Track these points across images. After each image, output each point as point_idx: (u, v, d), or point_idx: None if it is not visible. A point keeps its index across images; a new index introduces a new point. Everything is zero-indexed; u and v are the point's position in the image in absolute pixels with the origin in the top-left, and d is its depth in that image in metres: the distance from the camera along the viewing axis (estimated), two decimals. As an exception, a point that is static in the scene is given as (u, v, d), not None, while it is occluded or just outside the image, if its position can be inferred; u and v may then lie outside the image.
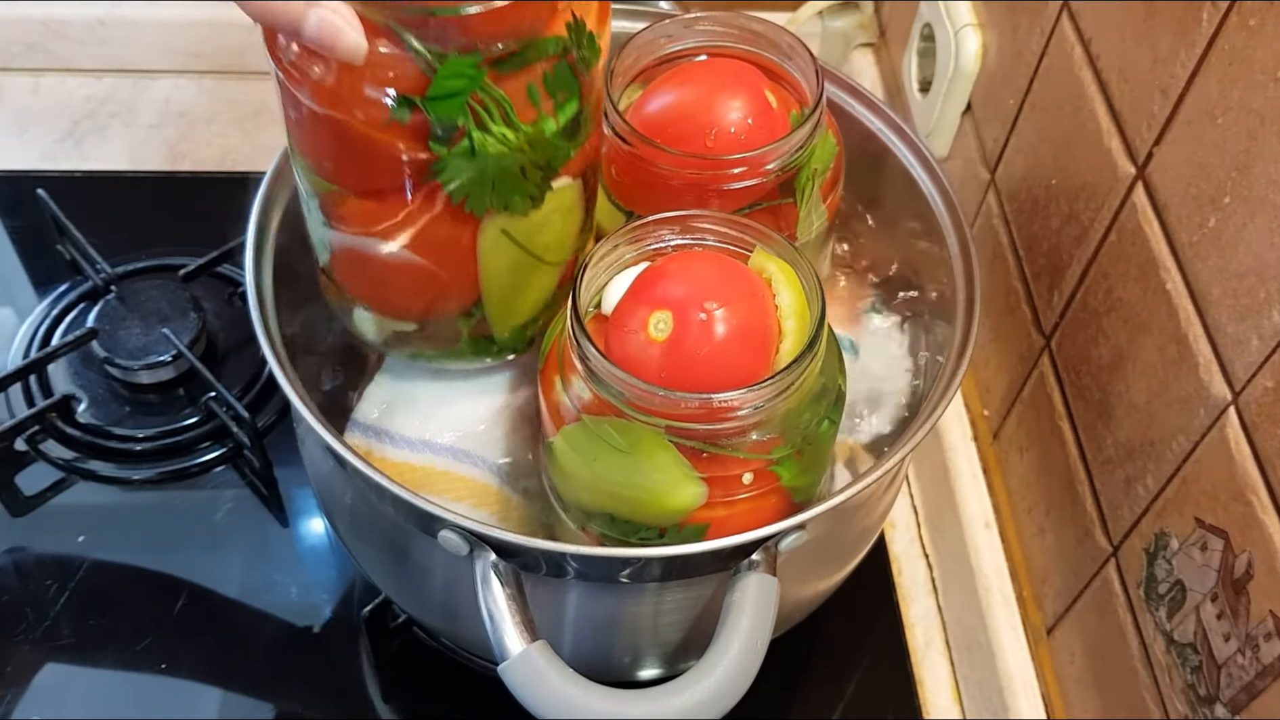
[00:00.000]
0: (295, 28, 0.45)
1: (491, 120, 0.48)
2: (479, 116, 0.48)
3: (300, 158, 0.54)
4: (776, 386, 0.51)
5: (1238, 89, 0.52)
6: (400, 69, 0.47)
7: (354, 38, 0.45)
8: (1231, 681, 0.53)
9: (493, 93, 0.48)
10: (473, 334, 0.60)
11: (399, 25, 0.46)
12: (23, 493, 0.79)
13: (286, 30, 0.46)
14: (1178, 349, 0.56)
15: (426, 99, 0.48)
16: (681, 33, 0.64)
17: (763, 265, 0.54)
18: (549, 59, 0.49)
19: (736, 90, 0.61)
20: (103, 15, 0.96)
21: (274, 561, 0.77)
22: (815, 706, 0.75)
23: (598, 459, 0.54)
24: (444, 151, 0.49)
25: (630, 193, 0.62)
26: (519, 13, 0.47)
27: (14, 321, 0.85)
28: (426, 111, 0.48)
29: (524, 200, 0.52)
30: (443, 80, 0.47)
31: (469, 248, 0.54)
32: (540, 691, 0.50)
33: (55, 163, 0.95)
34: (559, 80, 0.50)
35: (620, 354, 0.52)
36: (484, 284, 0.57)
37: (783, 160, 0.59)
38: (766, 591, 0.53)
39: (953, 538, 0.77)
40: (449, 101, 0.48)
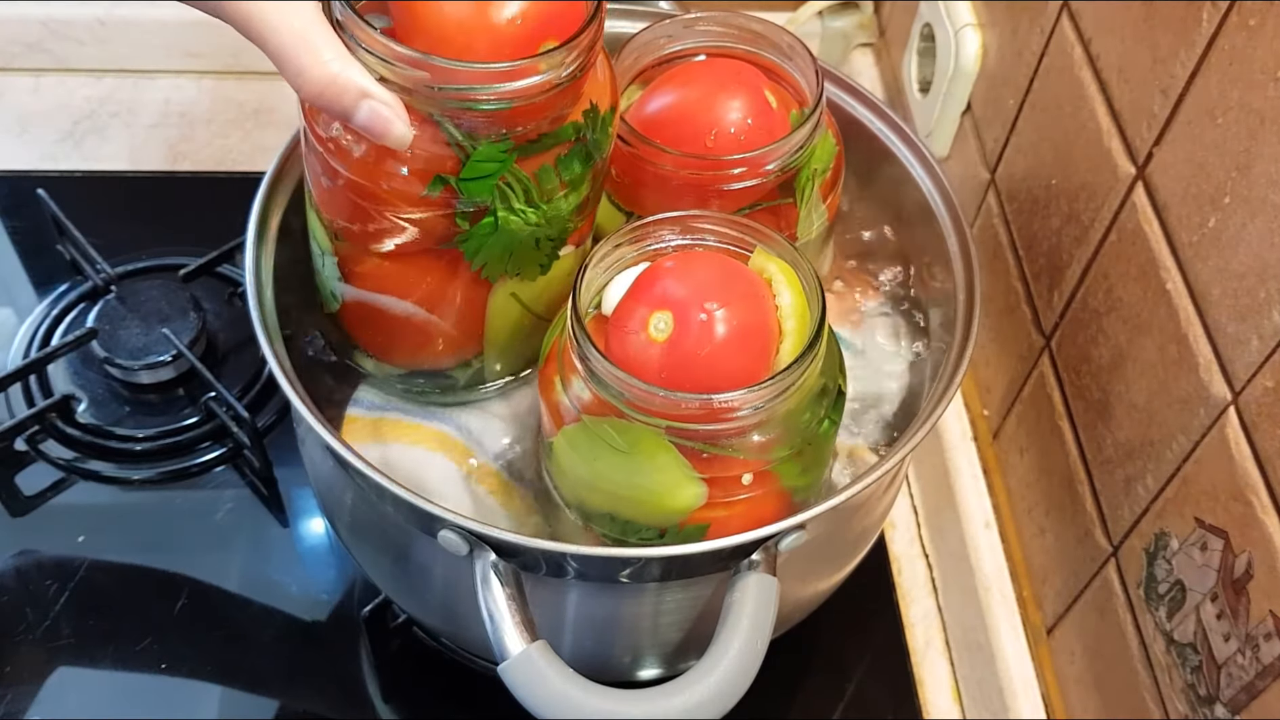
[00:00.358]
0: (348, 115, 0.48)
1: (515, 199, 0.52)
2: (505, 196, 0.52)
3: (322, 216, 0.57)
4: (777, 387, 0.51)
5: (1238, 89, 0.52)
6: (436, 151, 0.50)
7: (402, 130, 0.48)
8: (1231, 681, 0.53)
9: (518, 175, 0.52)
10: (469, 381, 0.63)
11: (440, 115, 0.49)
12: (23, 493, 0.79)
13: (338, 116, 0.49)
14: (1178, 349, 0.56)
15: (460, 179, 0.51)
16: (681, 33, 0.64)
17: (763, 265, 0.54)
18: (566, 143, 0.53)
19: (736, 90, 0.61)
20: (103, 15, 0.96)
21: (274, 561, 0.77)
22: (815, 706, 0.75)
23: (598, 459, 0.54)
24: (468, 226, 0.53)
25: (630, 193, 0.62)
26: (549, 104, 0.50)
27: (14, 321, 0.85)
28: (459, 191, 0.51)
29: (535, 269, 0.56)
30: (476, 164, 0.51)
31: (479, 307, 0.58)
32: (540, 691, 0.50)
33: (55, 163, 0.95)
34: (574, 163, 0.53)
35: (620, 354, 0.52)
36: (488, 339, 0.60)
37: (783, 160, 0.59)
38: (766, 591, 0.53)
39: (953, 538, 0.77)
40: (481, 183, 0.51)
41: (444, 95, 0.49)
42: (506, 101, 0.49)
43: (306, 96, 0.48)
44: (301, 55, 0.46)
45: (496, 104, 0.49)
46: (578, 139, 0.53)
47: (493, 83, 0.48)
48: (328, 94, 0.47)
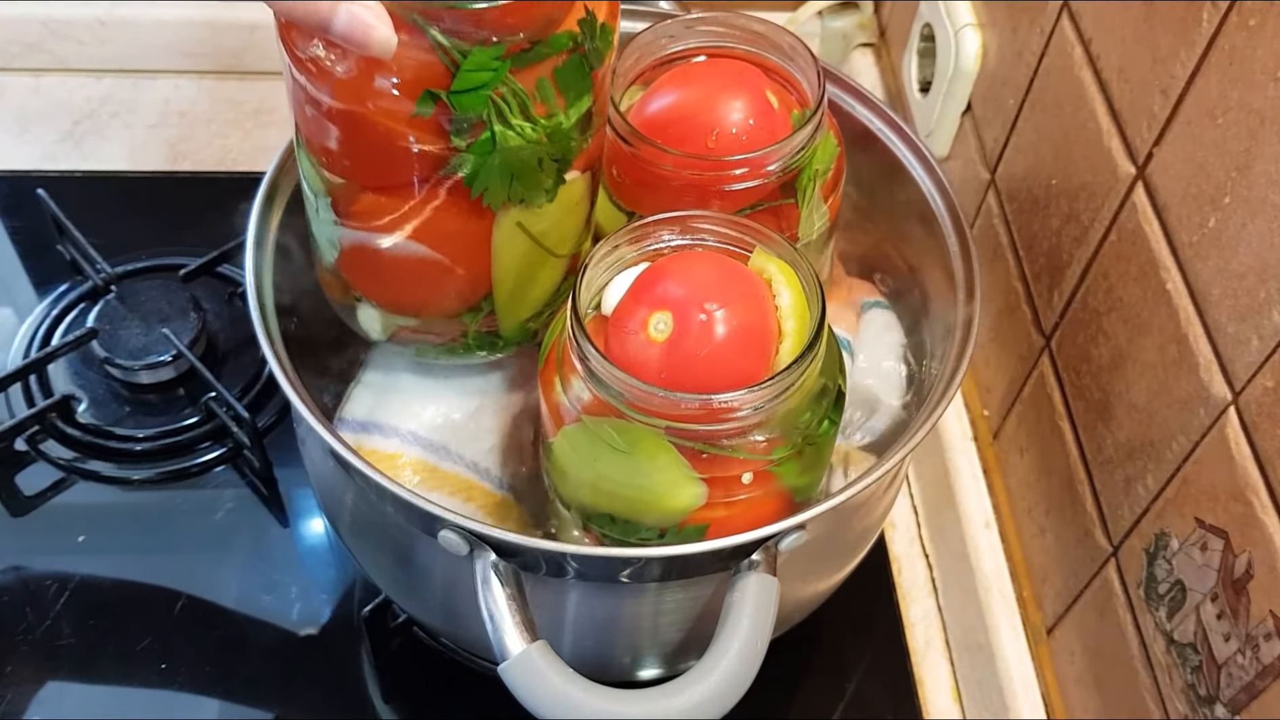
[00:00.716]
0: (325, 25, 0.45)
1: (511, 113, 0.49)
2: (500, 110, 0.49)
3: (311, 155, 0.54)
4: (776, 387, 0.51)
5: (1238, 89, 0.52)
6: (423, 63, 0.47)
7: (384, 33, 0.45)
8: (1231, 681, 0.53)
9: (512, 86, 0.49)
10: (479, 329, 0.60)
11: (423, 19, 0.46)
12: (23, 493, 0.79)
13: (315, 27, 0.45)
14: (1178, 349, 0.56)
15: (451, 93, 0.48)
16: (683, 33, 0.64)
17: (763, 266, 0.54)
18: (563, 53, 0.50)
19: (738, 91, 0.61)
20: (103, 15, 0.96)
21: (274, 561, 0.77)
22: (815, 706, 0.75)
23: (598, 459, 0.54)
24: (464, 145, 0.50)
25: (631, 193, 0.62)
26: (539, 6, 0.48)
27: (14, 321, 0.86)
28: (451, 105, 0.48)
29: (539, 193, 0.53)
30: (467, 74, 0.47)
31: (483, 241, 0.55)
32: (540, 691, 0.50)
33: (55, 163, 0.95)
34: (572, 74, 0.50)
35: (620, 355, 0.52)
36: (496, 277, 0.57)
37: (784, 161, 0.59)
38: (766, 591, 0.53)
39: (953, 538, 0.77)
40: (473, 95, 0.48)
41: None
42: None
43: (280, 9, 0.45)
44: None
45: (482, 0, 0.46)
46: (574, 48, 0.50)
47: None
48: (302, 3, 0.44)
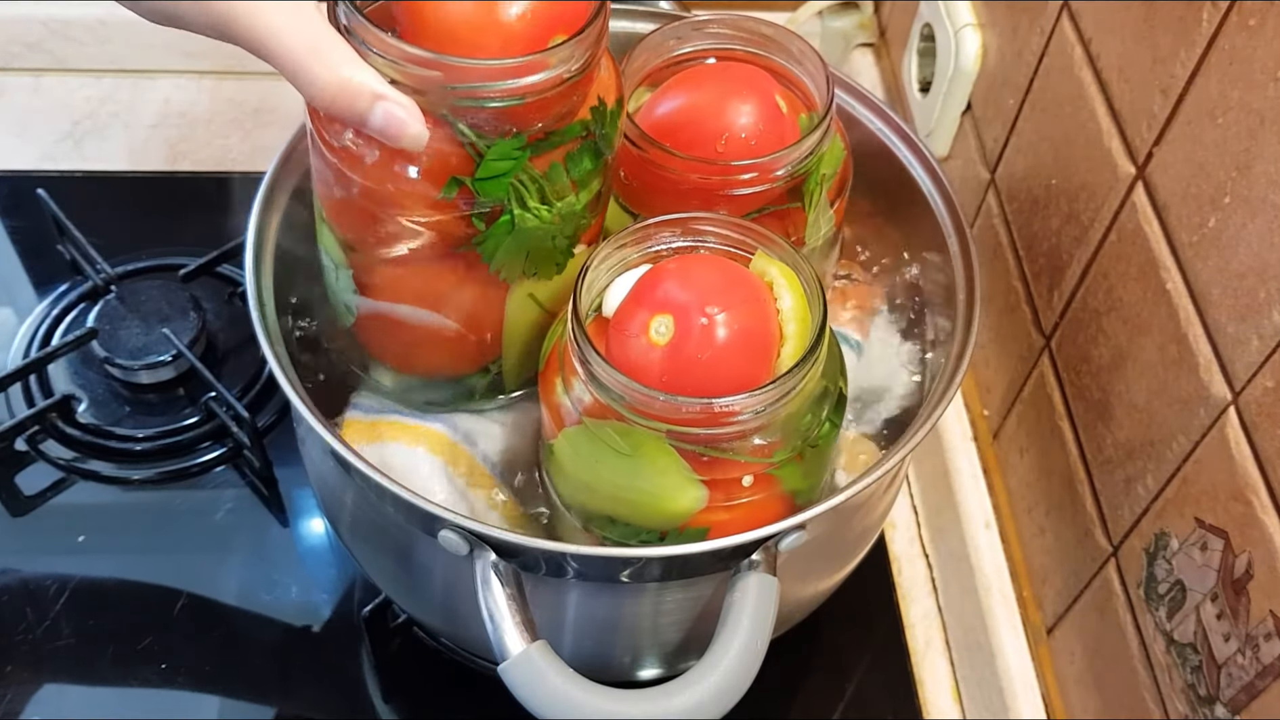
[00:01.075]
0: (362, 120, 0.47)
1: (529, 197, 0.52)
2: (519, 195, 0.52)
3: (334, 230, 0.57)
4: (778, 391, 0.51)
5: (1238, 89, 0.52)
6: (449, 151, 0.50)
7: (417, 129, 0.48)
8: (1231, 681, 0.53)
9: (531, 174, 0.52)
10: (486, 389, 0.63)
11: (452, 115, 0.49)
12: (23, 493, 0.79)
13: (353, 121, 0.48)
14: (1178, 349, 0.56)
15: (475, 179, 0.51)
16: (691, 35, 0.64)
17: (764, 269, 0.54)
18: (575, 140, 0.53)
19: (748, 95, 0.60)
20: (103, 15, 0.96)
21: (274, 561, 0.77)
22: (815, 706, 0.75)
23: (598, 462, 0.54)
24: (483, 226, 0.53)
25: (639, 196, 0.62)
26: (560, 102, 0.51)
27: (14, 321, 0.85)
28: (475, 191, 0.51)
29: (551, 268, 0.56)
30: (490, 163, 0.50)
31: (496, 310, 0.58)
32: (540, 691, 0.50)
33: (55, 163, 0.95)
34: (584, 160, 0.53)
35: (621, 358, 0.52)
36: (506, 342, 0.60)
37: (792, 166, 0.59)
38: (766, 591, 0.53)
39: (953, 538, 0.77)
40: (495, 182, 0.51)
41: (456, 94, 0.48)
42: (519, 97, 0.49)
43: (320, 104, 0.47)
44: (312, 64, 0.46)
45: (508, 100, 0.49)
46: (586, 135, 0.53)
47: (505, 79, 0.48)
48: (341, 99, 0.47)
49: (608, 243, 0.55)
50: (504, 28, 0.49)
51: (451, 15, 0.49)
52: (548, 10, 0.50)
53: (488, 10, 0.49)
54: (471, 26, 0.49)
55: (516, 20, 0.49)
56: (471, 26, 0.49)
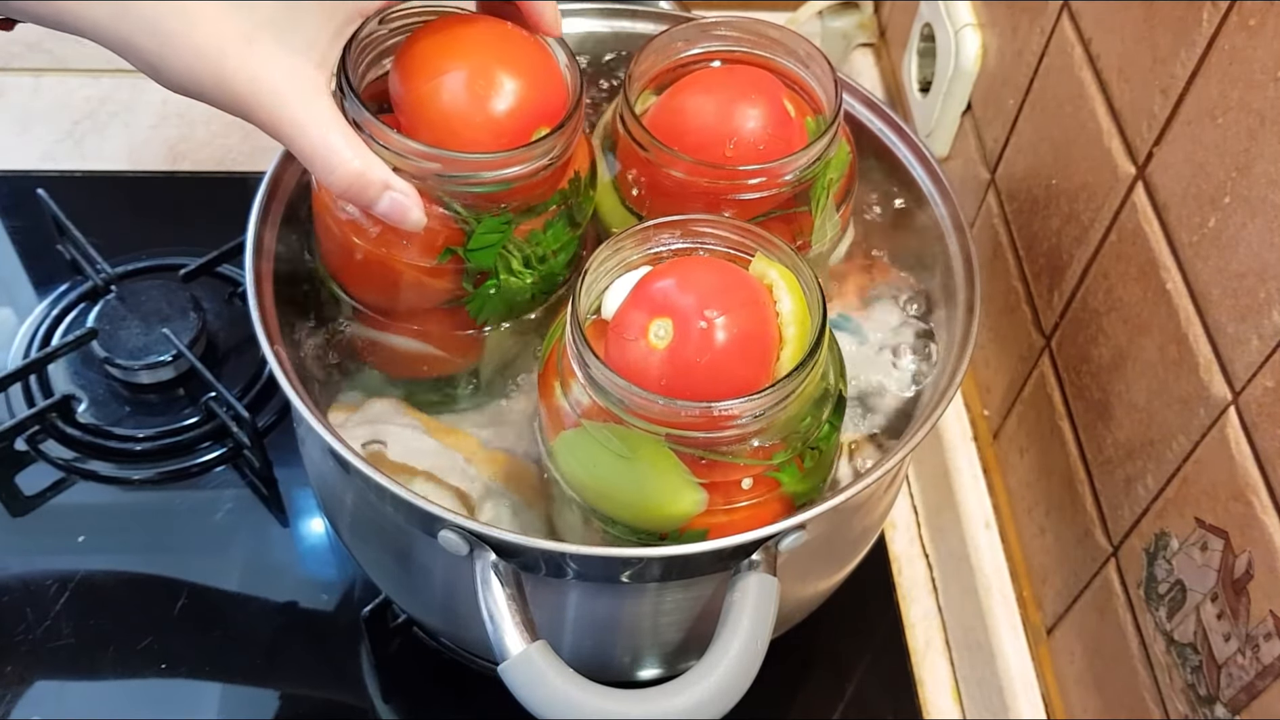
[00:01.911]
0: (370, 206, 0.53)
1: (515, 263, 0.58)
2: (505, 260, 0.58)
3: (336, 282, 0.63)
4: (777, 395, 0.51)
5: (1238, 89, 0.52)
6: (445, 227, 0.56)
7: (418, 215, 0.53)
8: (1231, 681, 0.53)
9: (516, 243, 0.58)
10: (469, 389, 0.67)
11: (448, 197, 0.55)
12: (23, 493, 0.79)
13: (363, 206, 0.54)
14: (1178, 349, 0.56)
15: (467, 250, 0.57)
16: (698, 37, 0.63)
17: (764, 271, 0.54)
18: (554, 209, 0.58)
19: (757, 99, 0.60)
20: (103, 15, 0.96)
21: (274, 561, 0.77)
22: (815, 706, 0.75)
23: (597, 464, 0.54)
24: (471, 288, 0.59)
25: (645, 198, 0.62)
26: (542, 181, 0.57)
27: (14, 321, 0.85)
28: (466, 260, 0.57)
29: (529, 314, 0.62)
30: (481, 236, 0.57)
31: (479, 343, 0.63)
32: (540, 691, 0.50)
33: (55, 163, 0.95)
34: (562, 228, 0.59)
35: (620, 361, 0.52)
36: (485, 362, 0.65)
37: (800, 171, 0.59)
38: (766, 591, 0.53)
39: (953, 538, 0.77)
40: (485, 252, 0.57)
41: (453, 182, 0.55)
42: (507, 183, 0.55)
43: (336, 191, 0.52)
44: (329, 156, 0.51)
45: (498, 186, 0.55)
46: (563, 204, 0.59)
47: (495, 169, 0.55)
48: (354, 189, 0.52)
49: (607, 244, 0.54)
50: (494, 123, 0.55)
51: (449, 112, 0.54)
52: (532, 103, 0.55)
53: (480, 108, 0.54)
54: (466, 123, 0.54)
55: (504, 116, 0.55)
56: (466, 123, 0.54)
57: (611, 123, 0.63)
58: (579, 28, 0.71)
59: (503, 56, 0.55)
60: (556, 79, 0.57)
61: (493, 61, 0.55)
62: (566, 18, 0.71)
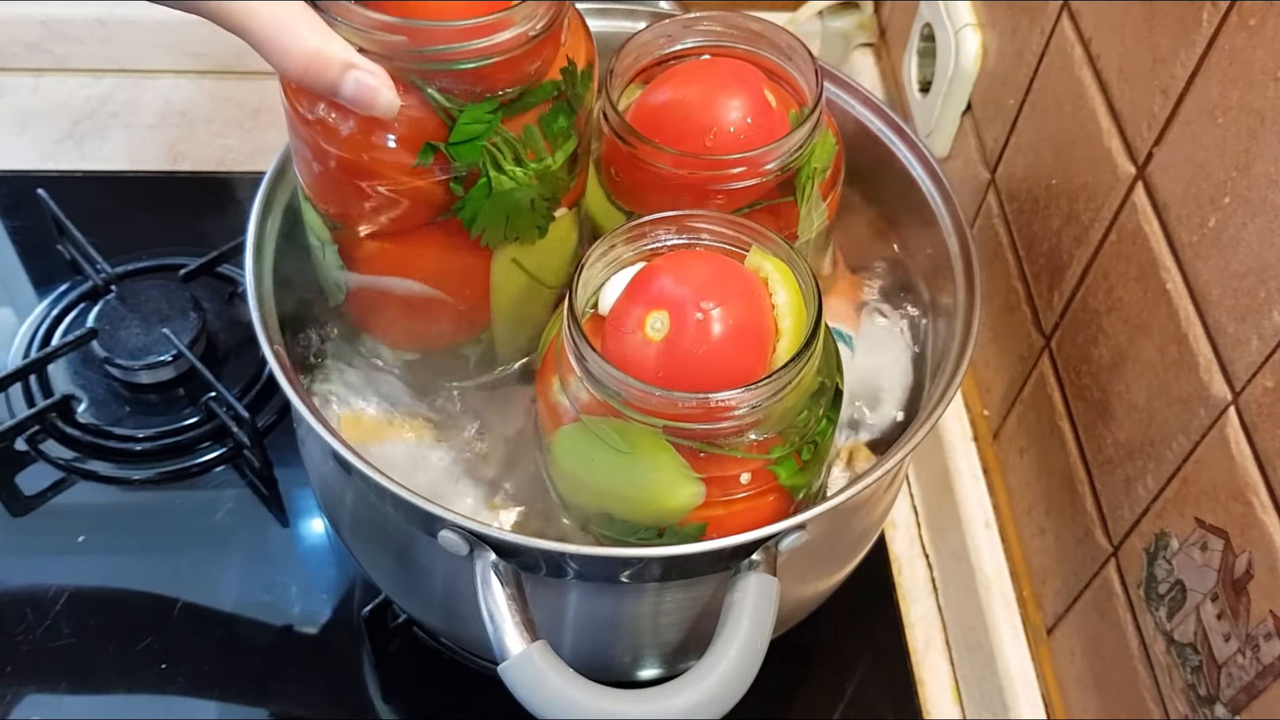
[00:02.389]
0: (333, 89, 0.48)
1: (504, 160, 0.53)
2: (494, 158, 0.53)
3: (317, 205, 0.57)
4: (774, 386, 0.51)
5: (1238, 89, 0.52)
6: (421, 118, 0.51)
7: (389, 96, 0.48)
8: (1231, 681, 0.53)
9: (504, 136, 0.52)
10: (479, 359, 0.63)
11: (421, 80, 0.50)
12: (23, 493, 0.79)
13: (325, 92, 0.49)
14: (1178, 349, 0.56)
15: (449, 144, 0.52)
16: (681, 32, 0.64)
17: (759, 264, 0.54)
18: (547, 100, 0.53)
19: (736, 90, 0.61)
20: (103, 15, 0.96)
21: (274, 561, 0.77)
22: (815, 706, 0.75)
23: (595, 459, 0.54)
24: (461, 191, 0.53)
25: (630, 192, 0.62)
26: (527, 61, 0.51)
27: (14, 321, 0.86)
28: (449, 156, 0.52)
29: (533, 231, 0.56)
30: (463, 127, 0.51)
31: (482, 277, 0.58)
32: (540, 691, 0.50)
33: (55, 163, 0.95)
34: (557, 120, 0.54)
35: (617, 354, 0.52)
36: (494, 310, 0.60)
37: (782, 160, 0.59)
38: (766, 591, 0.53)
39: (953, 538, 0.77)
40: (469, 145, 0.52)
41: (424, 58, 0.49)
42: (485, 58, 0.49)
43: (291, 76, 0.48)
44: (282, 37, 0.46)
45: (476, 61, 0.49)
46: (558, 95, 0.53)
47: (470, 39, 0.49)
48: (312, 70, 0.47)
49: (603, 240, 0.55)
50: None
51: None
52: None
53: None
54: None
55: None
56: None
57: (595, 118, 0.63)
58: (579, 27, 0.71)
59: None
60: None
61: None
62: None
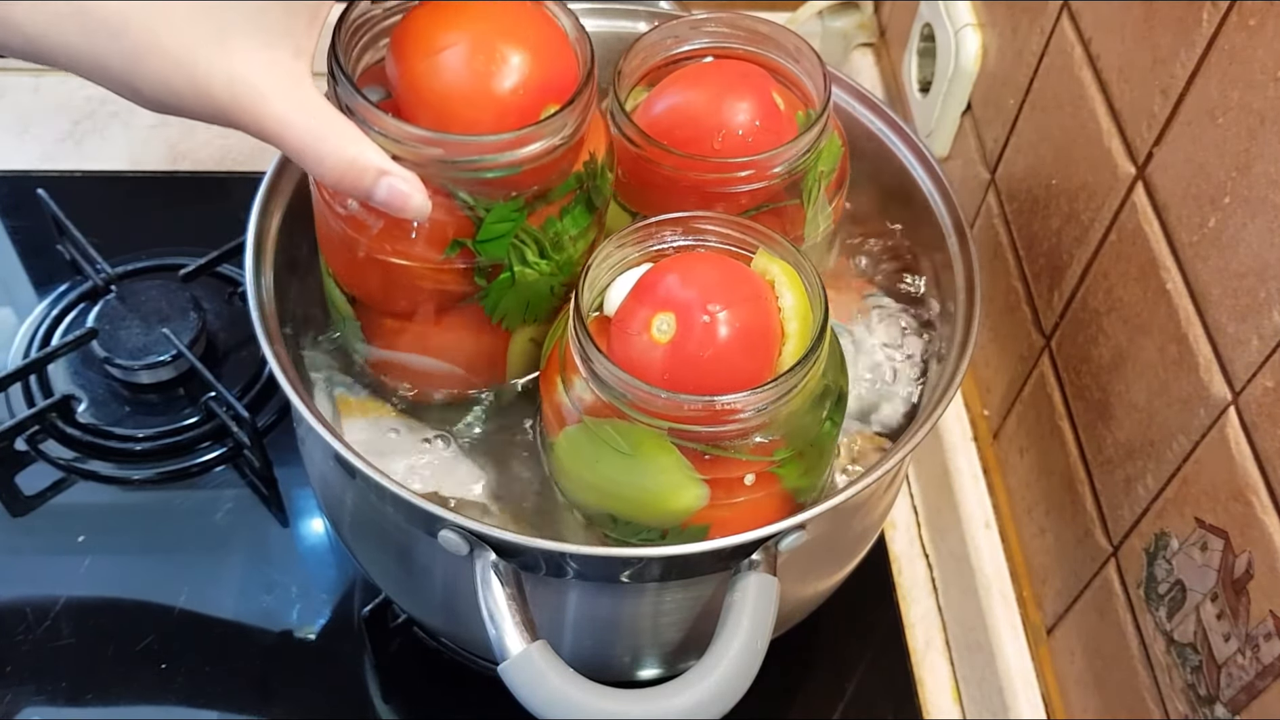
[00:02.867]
0: (368, 195, 0.49)
1: (529, 253, 0.55)
2: (519, 251, 0.54)
3: (341, 284, 0.59)
4: (779, 389, 0.51)
5: (1238, 89, 0.52)
6: (452, 218, 0.53)
7: (420, 200, 0.49)
8: (1231, 681, 0.53)
9: (529, 230, 0.54)
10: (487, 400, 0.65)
11: (452, 184, 0.52)
12: (23, 493, 0.79)
13: (359, 197, 0.50)
14: (1178, 349, 0.56)
15: (477, 241, 0.53)
16: (688, 34, 0.64)
17: (766, 267, 0.54)
18: (569, 194, 0.55)
19: (744, 92, 0.60)
20: (103, 15, 0.96)
21: (274, 561, 0.77)
22: (815, 706, 0.75)
23: (599, 460, 0.54)
24: (485, 283, 0.55)
25: (637, 194, 0.62)
26: (555, 167, 0.53)
27: (14, 321, 0.85)
28: (477, 252, 0.54)
29: (551, 313, 0.59)
30: (490, 225, 0.53)
31: (500, 355, 0.61)
32: (540, 691, 0.50)
33: (55, 163, 0.95)
34: (579, 214, 0.56)
35: (623, 356, 0.52)
36: (509, 375, 0.62)
37: (790, 163, 0.59)
38: (766, 591, 0.53)
39: (953, 538, 0.77)
40: (496, 243, 0.54)
41: (456, 167, 0.51)
42: (515, 167, 0.51)
43: (329, 182, 0.49)
44: (318, 145, 0.47)
45: (506, 170, 0.51)
46: (580, 188, 0.55)
47: (502, 152, 0.50)
48: (348, 177, 0.48)
49: (609, 241, 0.55)
50: (498, 101, 0.51)
51: (448, 92, 0.51)
52: (539, 79, 0.51)
53: (482, 84, 0.51)
54: (467, 103, 0.51)
55: (509, 94, 0.51)
56: (467, 103, 0.51)
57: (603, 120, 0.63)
58: (579, 27, 0.71)
59: (504, 29, 0.51)
60: (564, 51, 0.53)
61: (493, 34, 0.51)
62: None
